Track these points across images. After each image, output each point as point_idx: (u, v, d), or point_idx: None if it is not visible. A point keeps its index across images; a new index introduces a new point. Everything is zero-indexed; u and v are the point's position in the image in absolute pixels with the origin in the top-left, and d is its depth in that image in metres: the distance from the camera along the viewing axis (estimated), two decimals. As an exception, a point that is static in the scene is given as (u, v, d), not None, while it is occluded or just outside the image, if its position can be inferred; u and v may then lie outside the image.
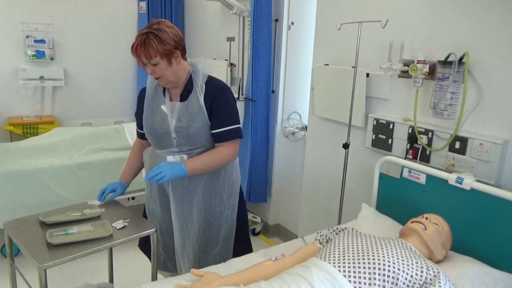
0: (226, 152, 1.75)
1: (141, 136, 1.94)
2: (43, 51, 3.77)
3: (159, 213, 1.92)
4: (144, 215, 2.03)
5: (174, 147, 1.76)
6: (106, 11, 4.09)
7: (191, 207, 1.82)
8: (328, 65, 2.50)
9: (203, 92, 1.72)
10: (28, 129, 3.62)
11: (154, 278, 1.81)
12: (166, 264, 2.00)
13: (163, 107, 1.75)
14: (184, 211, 1.82)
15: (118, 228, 1.72)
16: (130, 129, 3.16)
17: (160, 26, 1.61)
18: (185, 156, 1.76)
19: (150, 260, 1.91)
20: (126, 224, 1.76)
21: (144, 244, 2.01)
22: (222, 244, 1.89)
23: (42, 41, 3.76)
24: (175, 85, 1.74)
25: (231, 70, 3.53)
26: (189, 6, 4.30)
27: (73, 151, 2.84)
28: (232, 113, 1.76)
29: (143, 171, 2.02)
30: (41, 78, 3.79)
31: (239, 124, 1.78)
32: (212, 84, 1.75)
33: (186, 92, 1.74)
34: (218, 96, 1.72)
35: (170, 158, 1.76)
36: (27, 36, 3.68)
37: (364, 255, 1.34)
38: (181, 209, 1.82)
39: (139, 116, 1.88)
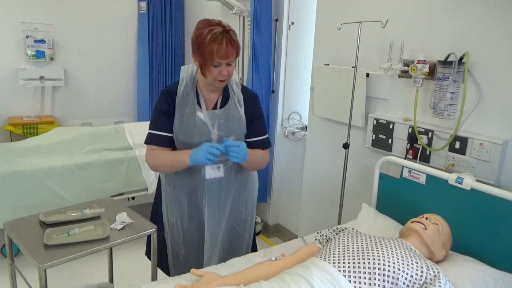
0: (266, 158, 1.77)
1: (166, 142, 1.68)
2: (43, 51, 3.77)
3: (186, 223, 1.79)
4: (152, 221, 1.90)
5: None
6: (106, 11, 4.08)
7: (222, 217, 1.76)
8: (328, 65, 2.50)
9: (242, 100, 1.72)
10: (28, 129, 3.61)
11: (154, 278, 1.81)
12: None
13: (200, 115, 1.66)
14: (215, 219, 1.75)
15: (118, 228, 1.72)
16: (130, 129, 3.16)
17: (229, 25, 1.57)
18: (222, 166, 1.70)
19: (163, 271, 1.88)
20: (126, 224, 1.76)
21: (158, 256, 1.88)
22: (245, 253, 1.86)
23: (42, 41, 3.76)
24: (219, 89, 1.70)
25: (231, 70, 3.52)
26: (189, 6, 4.29)
27: (73, 151, 2.84)
28: (265, 123, 1.80)
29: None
30: (41, 78, 3.79)
31: None
32: (247, 91, 1.76)
33: (224, 100, 1.71)
34: (256, 104, 1.75)
35: (208, 169, 1.68)
36: (27, 36, 3.68)
37: (364, 255, 1.34)
38: (215, 216, 1.75)
39: (165, 119, 1.66)
